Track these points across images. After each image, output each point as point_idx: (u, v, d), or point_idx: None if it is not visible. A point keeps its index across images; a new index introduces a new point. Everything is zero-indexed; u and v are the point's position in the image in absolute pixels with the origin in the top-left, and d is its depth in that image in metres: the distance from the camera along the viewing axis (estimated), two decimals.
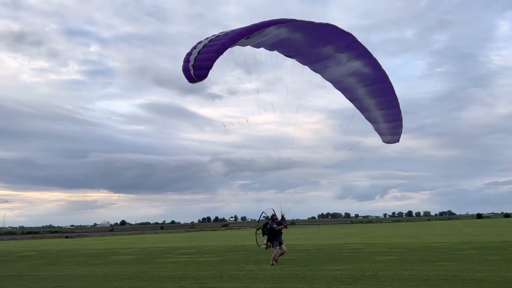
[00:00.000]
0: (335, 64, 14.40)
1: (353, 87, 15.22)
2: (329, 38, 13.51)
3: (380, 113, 15.52)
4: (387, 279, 13.88)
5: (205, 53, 11.61)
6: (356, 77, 14.73)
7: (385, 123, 15.71)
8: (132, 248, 43.59)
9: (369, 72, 14.36)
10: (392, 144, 16.33)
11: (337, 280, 14.11)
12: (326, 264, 19.36)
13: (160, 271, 19.06)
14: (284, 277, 15.26)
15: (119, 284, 15.15)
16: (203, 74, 11.37)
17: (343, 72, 14.62)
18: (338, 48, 13.74)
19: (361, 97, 15.44)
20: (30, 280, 17.76)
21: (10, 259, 33.03)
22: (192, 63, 11.54)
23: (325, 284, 13.28)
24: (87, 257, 31.14)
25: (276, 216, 19.02)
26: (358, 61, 14.05)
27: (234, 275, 16.39)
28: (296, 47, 14.20)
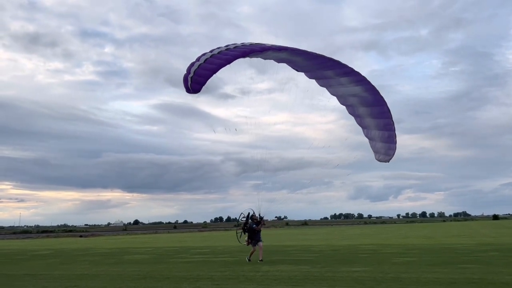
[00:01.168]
0: (337, 84, 15.61)
1: (355, 105, 16.43)
2: (328, 65, 14.80)
3: (378, 133, 16.60)
4: (411, 282, 13.33)
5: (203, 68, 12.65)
6: (357, 98, 15.91)
7: (381, 142, 16.80)
8: (145, 247, 43.53)
9: (369, 97, 15.54)
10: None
11: (358, 282, 13.61)
12: (344, 265, 18.86)
13: (175, 271, 18.76)
14: (302, 278, 14.80)
15: (134, 284, 14.88)
16: (197, 89, 12.66)
17: (345, 92, 15.90)
18: (338, 73, 15.01)
19: (362, 115, 16.60)
20: (44, 279, 17.61)
21: (25, 257, 33.15)
22: (191, 75, 12.66)
23: (346, 286, 12.79)
24: (101, 256, 31.08)
25: (255, 216, 20.41)
26: (358, 86, 15.24)
27: (251, 276, 15.98)
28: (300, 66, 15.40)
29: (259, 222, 20.51)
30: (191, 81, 12.57)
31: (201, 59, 12.86)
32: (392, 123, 16.18)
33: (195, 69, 12.65)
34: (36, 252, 40.71)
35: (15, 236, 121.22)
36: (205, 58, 12.90)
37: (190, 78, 12.59)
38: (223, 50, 13.24)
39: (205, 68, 12.68)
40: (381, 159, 17.52)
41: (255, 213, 20.55)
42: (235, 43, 14.21)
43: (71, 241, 71.53)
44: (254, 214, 20.54)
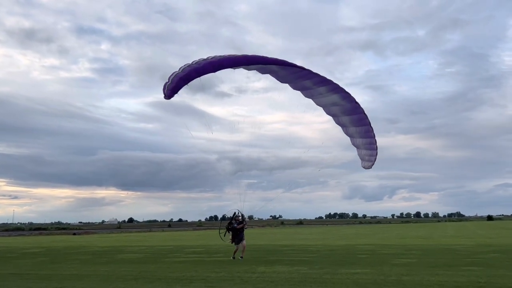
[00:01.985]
0: (317, 94, 16.41)
1: (338, 115, 17.13)
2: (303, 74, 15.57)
3: (361, 140, 17.41)
4: (414, 285, 12.75)
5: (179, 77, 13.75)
6: (338, 107, 16.67)
7: (365, 150, 17.68)
8: (139, 246, 42.79)
9: (347, 105, 16.33)
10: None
11: (358, 285, 12.99)
12: (342, 266, 18.25)
13: (168, 271, 18.08)
14: (300, 280, 14.17)
15: (124, 285, 14.19)
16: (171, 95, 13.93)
17: (326, 102, 16.65)
18: (315, 82, 15.74)
19: (345, 123, 17.35)
20: (30, 279, 16.88)
21: (15, 255, 32.31)
22: (169, 83, 13.85)
23: None
24: (92, 255, 30.32)
25: (238, 217, 21.42)
26: (335, 95, 16.03)
27: (247, 277, 15.33)
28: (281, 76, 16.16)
29: (241, 222, 21.54)
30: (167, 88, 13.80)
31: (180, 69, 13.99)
32: (371, 130, 16.83)
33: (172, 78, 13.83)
34: (27, 250, 39.84)
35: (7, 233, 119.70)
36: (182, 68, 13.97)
37: (167, 86, 13.85)
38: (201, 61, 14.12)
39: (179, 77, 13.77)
40: (364, 166, 18.36)
41: (239, 213, 21.41)
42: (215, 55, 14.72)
43: (63, 239, 70.55)
44: (238, 215, 21.46)
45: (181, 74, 13.86)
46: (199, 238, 59.99)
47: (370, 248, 30.51)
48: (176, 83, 13.83)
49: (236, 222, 21.60)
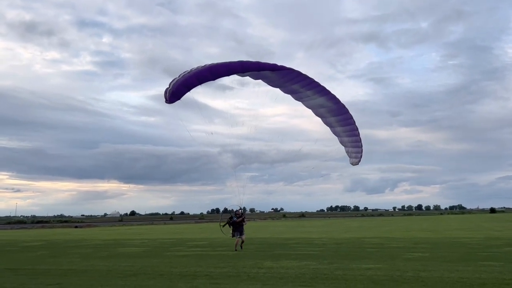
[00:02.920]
0: (305, 97, 17.20)
1: (325, 116, 18.01)
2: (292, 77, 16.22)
3: (347, 139, 18.40)
4: (435, 283, 11.88)
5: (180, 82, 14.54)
6: (325, 109, 17.55)
7: (352, 147, 18.66)
8: (141, 239, 42.11)
9: (333, 106, 17.20)
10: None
11: (375, 282, 12.13)
12: (353, 261, 17.40)
13: (170, 266, 17.27)
14: (311, 277, 13.31)
15: (123, 282, 13.36)
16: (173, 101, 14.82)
17: (314, 104, 17.49)
18: (303, 85, 16.51)
19: (333, 124, 18.24)
20: (26, 274, 16.07)
21: (15, 249, 31.61)
22: (169, 88, 14.64)
23: None
24: (93, 249, 29.60)
25: (238, 211, 22.46)
26: (322, 97, 16.83)
27: (253, 273, 14.48)
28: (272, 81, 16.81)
29: (240, 216, 22.57)
30: (169, 93, 14.60)
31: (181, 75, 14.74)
32: (356, 128, 17.84)
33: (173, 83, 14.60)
34: (28, 243, 39.18)
35: (10, 226, 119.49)
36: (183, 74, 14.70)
37: (168, 91, 14.62)
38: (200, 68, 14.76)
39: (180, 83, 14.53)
40: (352, 163, 19.28)
41: (240, 208, 22.46)
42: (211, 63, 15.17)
43: (65, 232, 70.06)
44: (238, 210, 22.55)
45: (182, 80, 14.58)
46: (202, 231, 59.32)
47: (378, 242, 29.70)
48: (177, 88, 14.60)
49: (236, 216, 22.67)
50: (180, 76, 14.69)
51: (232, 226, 22.77)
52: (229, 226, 22.78)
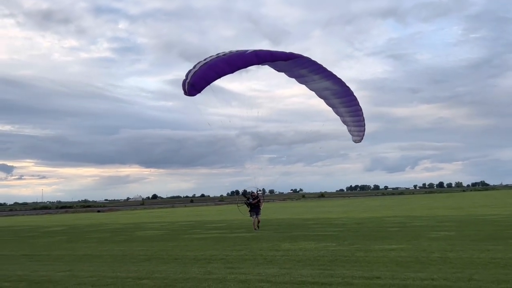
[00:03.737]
0: (311, 81, 17.77)
1: (329, 97, 18.71)
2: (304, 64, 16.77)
3: (350, 119, 19.16)
4: (464, 264, 11.05)
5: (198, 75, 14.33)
6: (330, 91, 18.18)
7: (354, 127, 19.50)
8: (160, 222, 42.24)
9: (338, 89, 17.81)
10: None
11: (399, 265, 11.37)
12: (374, 242, 16.66)
13: (186, 250, 16.88)
14: (331, 260, 12.65)
15: (135, 267, 12.96)
16: (193, 94, 14.57)
17: (319, 87, 18.08)
18: (311, 71, 17.04)
19: (336, 105, 18.91)
20: (40, 261, 15.92)
21: (35, 235, 31.99)
22: (188, 80, 14.36)
23: (388, 271, 10.54)
24: (111, 233, 29.65)
25: (254, 193, 23.85)
26: (328, 81, 17.42)
27: (270, 256, 13.91)
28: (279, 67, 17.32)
29: (256, 197, 23.91)
30: (188, 86, 14.32)
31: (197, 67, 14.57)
32: (360, 109, 18.61)
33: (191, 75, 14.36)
34: (49, 228, 39.74)
35: (35, 212, 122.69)
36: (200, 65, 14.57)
37: (187, 83, 14.31)
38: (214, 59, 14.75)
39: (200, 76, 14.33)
40: (355, 140, 20.25)
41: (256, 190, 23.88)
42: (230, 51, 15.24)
43: (87, 217, 71.24)
44: (253, 192, 23.92)
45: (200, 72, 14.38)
46: (221, 213, 59.36)
47: (399, 221, 28.85)
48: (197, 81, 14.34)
49: (252, 197, 23.94)
50: (197, 67, 14.55)
51: (249, 206, 24.11)
52: (247, 206, 24.19)
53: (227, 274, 11.05)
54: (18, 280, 11.68)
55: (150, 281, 10.69)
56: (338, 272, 10.60)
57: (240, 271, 11.41)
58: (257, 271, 11.37)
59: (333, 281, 9.63)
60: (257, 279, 10.30)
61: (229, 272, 11.39)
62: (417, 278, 9.58)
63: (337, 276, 10.19)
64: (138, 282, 10.64)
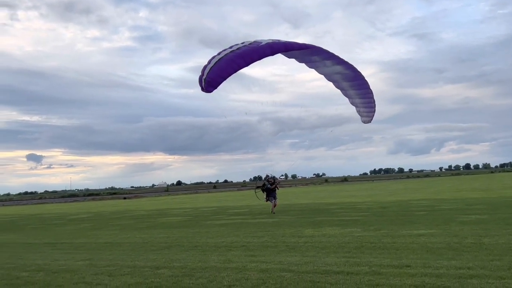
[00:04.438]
0: (322, 66, 18.18)
1: (338, 81, 19.00)
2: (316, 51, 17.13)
3: (360, 100, 19.47)
4: (503, 251, 10.25)
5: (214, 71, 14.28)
6: (340, 75, 18.49)
7: (363, 108, 19.82)
8: (183, 208, 42.40)
9: (349, 73, 18.11)
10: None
11: (430, 252, 10.67)
12: (402, 226, 15.94)
13: (206, 237, 16.57)
14: (357, 246, 12.03)
15: (154, 256, 12.69)
16: (210, 90, 14.65)
17: (330, 71, 18.43)
18: (323, 57, 17.49)
19: (345, 88, 19.20)
20: (62, 249, 15.90)
21: (60, 222, 32.50)
22: (204, 77, 14.32)
23: (418, 259, 9.87)
24: (134, 220, 29.78)
25: (271, 179, 24.94)
26: (339, 66, 17.74)
27: (292, 243, 13.41)
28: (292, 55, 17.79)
29: (273, 183, 24.95)
30: (205, 83, 14.33)
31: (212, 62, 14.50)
32: (370, 92, 18.82)
33: (208, 71, 14.29)
34: (75, 216, 40.42)
35: (64, 200, 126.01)
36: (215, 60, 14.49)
37: (204, 79, 14.31)
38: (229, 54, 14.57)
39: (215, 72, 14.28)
40: (364, 121, 20.59)
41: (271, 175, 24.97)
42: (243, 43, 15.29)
43: (113, 204, 72.50)
44: (270, 178, 24.95)
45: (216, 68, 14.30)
46: (243, 198, 59.26)
47: (427, 204, 27.87)
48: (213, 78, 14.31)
49: (269, 183, 24.94)
50: (212, 62, 14.50)
51: (266, 191, 25.20)
52: (262, 192, 25.23)
53: (247, 263, 10.61)
54: (36, 269, 11.57)
55: (168, 270, 10.36)
56: (365, 260, 9.99)
57: (261, 259, 10.95)
58: (278, 259, 10.88)
59: (359, 270, 9.04)
60: (278, 268, 9.81)
61: (250, 260, 10.94)
62: (451, 267, 8.89)
63: (363, 264, 9.59)
64: (156, 271, 10.32)
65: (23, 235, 23.65)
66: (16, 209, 73.47)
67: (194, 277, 9.45)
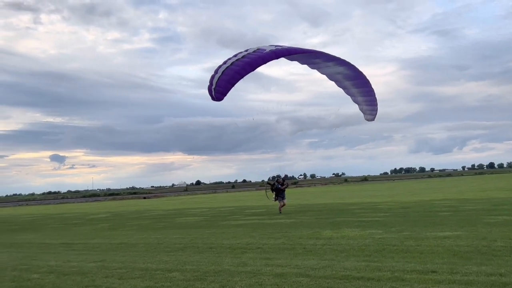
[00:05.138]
0: (324, 67, 18.64)
1: (341, 80, 19.35)
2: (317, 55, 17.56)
3: (362, 98, 19.77)
4: None
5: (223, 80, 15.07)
6: (342, 75, 18.90)
7: (366, 106, 20.08)
8: (201, 208, 42.28)
9: (351, 73, 18.47)
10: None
11: (457, 256, 10.01)
12: (426, 228, 15.21)
13: (222, 238, 16.19)
14: (378, 249, 11.43)
15: (168, 257, 12.36)
16: (221, 98, 15.62)
17: (332, 71, 18.87)
18: (325, 60, 17.96)
19: (347, 86, 19.53)
20: (77, 250, 15.78)
21: (79, 222, 32.71)
22: (214, 86, 15.21)
23: (444, 263, 9.23)
24: (152, 220, 29.71)
25: (280, 179, 26.19)
26: (341, 67, 18.18)
27: (310, 245, 12.89)
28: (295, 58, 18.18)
29: (282, 183, 26.10)
30: (215, 92, 15.24)
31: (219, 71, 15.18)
32: (372, 90, 19.16)
33: (216, 81, 15.09)
34: (94, 215, 40.74)
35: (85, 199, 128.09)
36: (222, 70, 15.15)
37: (213, 89, 15.22)
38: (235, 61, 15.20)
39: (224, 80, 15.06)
40: (368, 119, 20.77)
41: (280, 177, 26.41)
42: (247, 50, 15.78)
43: (132, 203, 73.14)
44: (279, 178, 26.28)
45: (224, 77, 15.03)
46: (261, 198, 58.81)
47: (450, 204, 26.88)
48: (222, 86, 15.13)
49: (279, 184, 26.05)
50: (219, 72, 15.19)
51: (275, 191, 26.17)
52: (272, 192, 26.38)
53: (262, 266, 10.15)
54: (48, 271, 11.39)
55: (180, 273, 9.99)
56: (387, 265, 9.41)
57: (277, 263, 10.48)
58: (295, 262, 10.39)
59: (381, 276, 8.47)
60: (294, 272, 9.32)
61: (265, 263, 10.48)
62: (481, 273, 8.25)
63: (385, 269, 9.01)
64: (168, 274, 9.97)
65: (41, 235, 23.78)
66: (38, 209, 74.88)
67: (206, 282, 9.05)
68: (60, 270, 11.47)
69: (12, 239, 22.21)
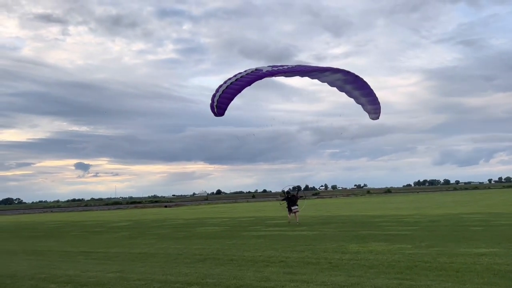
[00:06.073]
0: (323, 76, 19.56)
1: (341, 86, 20.14)
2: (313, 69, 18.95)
3: (364, 99, 20.46)
4: None
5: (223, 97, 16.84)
6: (341, 81, 19.73)
7: (369, 105, 20.75)
8: (221, 217, 41.88)
9: (349, 77, 19.26)
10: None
11: (498, 275, 9.25)
12: (458, 244, 14.38)
13: (243, 250, 15.71)
14: (409, 266, 10.74)
15: (188, 270, 11.95)
16: (222, 114, 17.41)
17: (331, 79, 19.70)
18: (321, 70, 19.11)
19: (349, 90, 20.25)
20: (96, 259, 15.56)
21: (100, 230, 32.75)
22: (215, 104, 16.93)
23: (484, 284, 8.51)
24: (172, 229, 29.45)
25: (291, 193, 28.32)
26: (338, 73, 19.03)
27: (336, 260, 12.28)
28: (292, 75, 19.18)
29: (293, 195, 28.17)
30: (216, 108, 16.95)
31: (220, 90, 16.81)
32: (372, 90, 19.89)
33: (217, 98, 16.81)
34: (116, 223, 40.83)
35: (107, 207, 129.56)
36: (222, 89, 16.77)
37: (215, 106, 16.96)
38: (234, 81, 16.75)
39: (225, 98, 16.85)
40: (373, 118, 21.49)
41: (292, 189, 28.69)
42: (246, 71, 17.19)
43: (154, 212, 73.36)
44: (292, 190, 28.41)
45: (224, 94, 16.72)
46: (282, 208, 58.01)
47: (481, 218, 25.70)
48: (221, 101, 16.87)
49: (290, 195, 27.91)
50: (220, 91, 16.80)
51: (288, 201, 27.89)
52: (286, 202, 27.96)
53: (286, 282, 9.62)
54: (65, 281, 11.13)
55: (200, 287, 9.56)
56: (421, 284, 8.75)
57: (301, 278, 9.93)
58: (321, 278, 9.81)
59: None
60: None
61: (289, 279, 9.94)
62: None
63: None
64: None
65: (62, 242, 23.79)
66: (62, 216, 75.99)
67: None
68: (77, 280, 11.21)
69: (34, 246, 22.28)
